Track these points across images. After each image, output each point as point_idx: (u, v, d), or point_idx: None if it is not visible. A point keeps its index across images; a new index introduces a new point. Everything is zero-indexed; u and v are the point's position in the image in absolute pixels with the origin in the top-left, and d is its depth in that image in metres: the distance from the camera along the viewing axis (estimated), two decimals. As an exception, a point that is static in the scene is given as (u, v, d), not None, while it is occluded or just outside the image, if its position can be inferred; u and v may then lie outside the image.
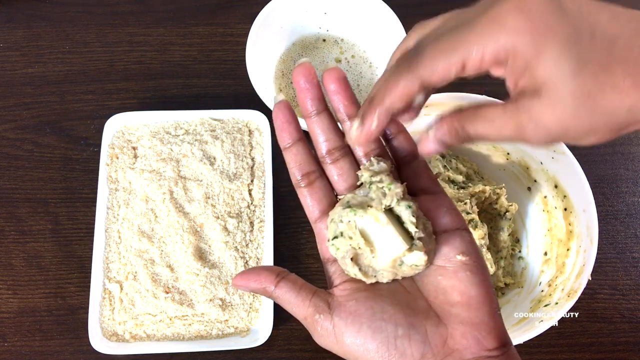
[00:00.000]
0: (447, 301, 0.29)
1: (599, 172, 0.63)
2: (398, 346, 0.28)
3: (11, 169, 0.60)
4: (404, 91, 0.27)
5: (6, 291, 0.56)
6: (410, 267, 0.29)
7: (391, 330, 0.28)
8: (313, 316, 0.29)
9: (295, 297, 0.30)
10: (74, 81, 0.64)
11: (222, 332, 0.52)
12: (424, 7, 0.68)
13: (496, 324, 0.29)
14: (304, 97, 0.32)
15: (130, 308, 0.52)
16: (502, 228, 0.56)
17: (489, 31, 0.25)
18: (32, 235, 0.58)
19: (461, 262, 0.29)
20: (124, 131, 0.58)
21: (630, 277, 0.59)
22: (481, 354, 0.28)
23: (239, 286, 0.31)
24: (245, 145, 0.58)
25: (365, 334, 0.28)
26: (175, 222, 0.54)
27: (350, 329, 0.28)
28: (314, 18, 0.63)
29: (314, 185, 0.32)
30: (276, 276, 0.31)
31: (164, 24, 0.67)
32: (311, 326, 0.30)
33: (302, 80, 0.31)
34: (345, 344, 0.29)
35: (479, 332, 0.28)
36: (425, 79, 0.26)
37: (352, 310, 0.29)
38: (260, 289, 0.31)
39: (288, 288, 0.30)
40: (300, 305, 0.30)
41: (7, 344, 0.54)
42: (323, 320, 0.29)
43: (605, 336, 0.56)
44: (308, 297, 0.30)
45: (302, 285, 0.30)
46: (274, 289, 0.30)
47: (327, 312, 0.29)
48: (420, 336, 0.28)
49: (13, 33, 0.66)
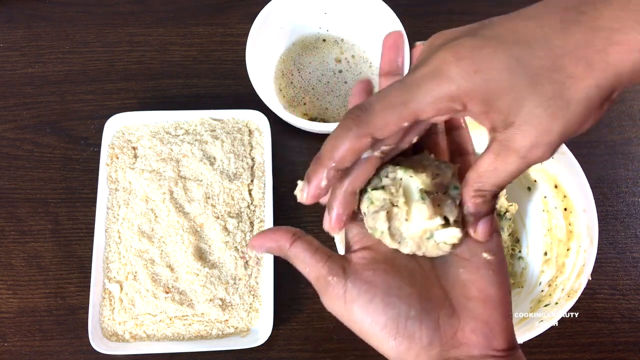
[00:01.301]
0: (465, 294, 0.29)
1: (599, 172, 0.63)
2: (408, 327, 0.28)
3: (11, 169, 0.60)
4: (354, 147, 0.27)
5: (6, 291, 0.56)
6: (437, 245, 0.29)
7: (404, 309, 0.28)
8: (326, 277, 0.29)
9: (310, 256, 0.30)
10: (74, 81, 0.64)
11: (222, 332, 0.52)
12: (424, 7, 0.68)
13: (508, 326, 0.29)
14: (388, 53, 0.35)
15: (130, 308, 0.52)
16: (502, 228, 0.56)
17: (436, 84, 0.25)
18: (32, 235, 0.58)
19: (486, 260, 0.29)
20: (124, 131, 0.58)
21: (630, 277, 0.59)
22: (489, 353, 0.28)
23: (255, 247, 0.31)
24: (245, 145, 0.58)
25: (377, 306, 0.28)
26: (175, 222, 0.54)
27: (362, 298, 0.28)
28: (314, 18, 0.63)
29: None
30: (292, 235, 0.30)
31: (164, 24, 0.67)
32: (322, 288, 0.29)
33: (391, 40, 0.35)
34: (354, 313, 0.28)
35: (490, 331, 0.28)
36: (374, 134, 0.26)
37: (367, 279, 0.28)
38: (276, 247, 0.30)
39: (303, 247, 0.30)
40: (315, 266, 0.29)
41: (7, 344, 0.54)
42: (336, 284, 0.29)
43: (605, 336, 0.56)
44: (323, 259, 0.29)
45: (318, 247, 0.30)
46: (289, 247, 0.30)
47: (342, 276, 0.29)
48: (431, 323, 0.28)
49: (13, 33, 0.66)
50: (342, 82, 0.63)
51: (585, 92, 0.24)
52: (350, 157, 0.27)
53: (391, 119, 0.26)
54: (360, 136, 0.26)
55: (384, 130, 0.26)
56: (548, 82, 0.24)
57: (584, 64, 0.24)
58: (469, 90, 0.25)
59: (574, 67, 0.24)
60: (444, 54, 0.25)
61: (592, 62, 0.24)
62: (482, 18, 0.28)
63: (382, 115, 0.26)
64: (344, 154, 0.27)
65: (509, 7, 0.28)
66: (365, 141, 0.27)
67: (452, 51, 0.25)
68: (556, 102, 0.24)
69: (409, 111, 0.26)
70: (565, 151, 0.52)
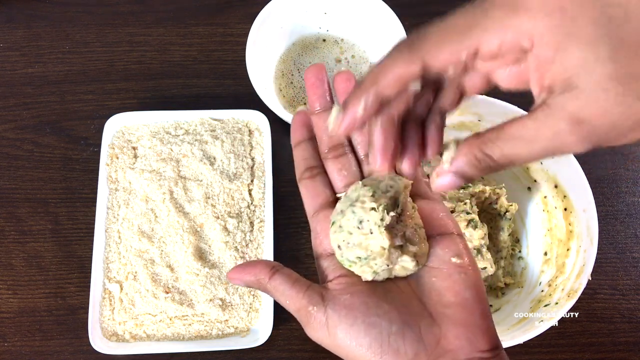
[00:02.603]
0: (441, 302, 0.29)
1: (599, 172, 0.63)
2: (392, 343, 0.27)
3: (11, 169, 0.60)
4: (401, 73, 0.24)
5: (6, 291, 0.55)
6: (402, 267, 0.29)
7: (385, 326, 0.28)
8: (306, 308, 0.29)
9: (289, 288, 0.30)
10: (74, 81, 0.64)
11: (222, 332, 0.52)
12: (424, 7, 0.68)
13: (488, 326, 0.29)
14: (312, 93, 0.32)
15: (130, 308, 0.52)
16: (502, 228, 0.56)
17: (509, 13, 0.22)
18: (32, 235, 0.58)
19: (455, 264, 0.29)
20: (124, 131, 0.58)
21: (630, 277, 0.59)
22: (474, 356, 0.28)
23: (233, 280, 0.31)
24: (245, 145, 0.58)
25: (359, 328, 0.28)
26: (175, 222, 0.54)
27: (343, 323, 0.28)
28: (314, 18, 0.63)
29: (316, 179, 0.33)
30: (270, 269, 0.31)
31: (164, 24, 0.67)
32: (304, 318, 0.29)
33: (312, 76, 0.32)
34: (338, 338, 0.28)
35: (472, 334, 0.28)
36: (428, 61, 0.23)
37: (346, 303, 0.29)
38: (255, 281, 0.31)
39: (282, 280, 0.30)
40: (294, 297, 0.30)
41: (7, 344, 0.54)
42: (316, 312, 0.29)
43: (605, 336, 0.56)
44: (302, 290, 0.30)
45: (296, 279, 0.30)
46: (268, 280, 0.30)
47: (321, 304, 0.29)
48: (414, 335, 0.28)
49: (13, 33, 0.66)
50: (342, 82, 0.63)
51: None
52: (396, 85, 0.24)
53: (449, 45, 0.23)
54: (411, 61, 0.24)
55: (438, 57, 0.23)
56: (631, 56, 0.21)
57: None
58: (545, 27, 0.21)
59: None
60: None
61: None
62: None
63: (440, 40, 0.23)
64: (390, 80, 0.24)
65: (509, 7, 0.28)
66: (415, 68, 0.24)
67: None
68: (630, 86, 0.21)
69: (471, 40, 0.23)
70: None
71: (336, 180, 0.33)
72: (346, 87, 0.30)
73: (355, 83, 0.30)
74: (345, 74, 0.31)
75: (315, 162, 0.33)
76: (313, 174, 0.33)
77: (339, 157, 0.33)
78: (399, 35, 0.58)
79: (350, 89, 0.28)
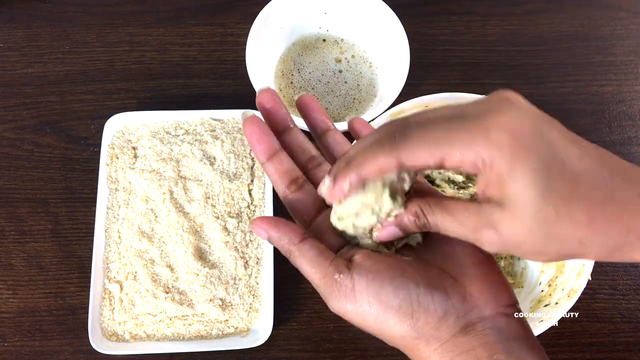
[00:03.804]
0: (460, 264, 0.30)
1: (599, 172, 0.62)
2: (421, 302, 0.28)
3: (11, 169, 0.60)
4: (380, 166, 0.28)
5: (6, 291, 0.56)
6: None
7: (413, 287, 0.28)
8: (332, 275, 0.29)
9: (317, 255, 0.30)
10: (74, 81, 0.64)
11: (222, 332, 0.52)
12: (424, 7, 0.68)
13: (505, 282, 0.30)
14: (273, 118, 0.34)
15: (130, 308, 0.52)
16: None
17: (474, 138, 0.25)
18: (32, 235, 0.58)
19: None
20: (124, 131, 0.58)
21: (630, 277, 0.59)
22: (499, 310, 0.29)
23: (258, 229, 0.31)
24: (245, 145, 0.58)
25: (387, 290, 0.28)
26: (175, 222, 0.54)
27: (371, 287, 0.28)
28: (314, 18, 0.63)
29: (304, 188, 0.33)
30: (303, 233, 0.31)
31: (164, 24, 0.67)
32: (329, 287, 0.29)
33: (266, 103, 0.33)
34: (365, 303, 0.28)
35: (495, 289, 0.29)
36: (403, 162, 0.27)
37: (372, 269, 0.29)
38: (285, 239, 0.30)
39: (312, 245, 0.30)
40: (321, 264, 0.29)
41: (7, 344, 0.54)
42: (343, 279, 0.29)
43: (605, 336, 0.56)
44: (330, 258, 0.30)
45: (324, 249, 0.30)
46: (298, 243, 0.30)
47: (347, 271, 0.29)
48: (441, 294, 0.28)
49: (13, 33, 0.66)
50: (342, 82, 0.63)
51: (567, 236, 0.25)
52: (375, 172, 0.28)
53: (423, 152, 0.26)
54: (390, 157, 0.27)
55: (413, 159, 0.27)
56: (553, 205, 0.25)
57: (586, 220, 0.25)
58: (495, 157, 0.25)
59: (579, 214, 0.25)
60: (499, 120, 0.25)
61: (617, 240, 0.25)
62: (482, 18, 0.28)
63: (416, 146, 0.27)
64: (371, 169, 0.28)
65: (509, 8, 0.28)
66: (392, 163, 0.27)
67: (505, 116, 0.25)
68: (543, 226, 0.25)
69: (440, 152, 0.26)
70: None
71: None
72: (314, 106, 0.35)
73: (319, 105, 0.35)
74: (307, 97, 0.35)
75: (297, 172, 0.33)
76: (299, 184, 0.33)
77: (320, 164, 0.34)
78: (399, 35, 0.58)
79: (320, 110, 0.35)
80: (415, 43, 0.59)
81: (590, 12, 0.70)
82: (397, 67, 0.58)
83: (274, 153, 0.33)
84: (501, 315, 0.29)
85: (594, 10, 0.70)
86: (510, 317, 0.29)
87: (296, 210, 0.33)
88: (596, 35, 0.69)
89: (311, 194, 0.33)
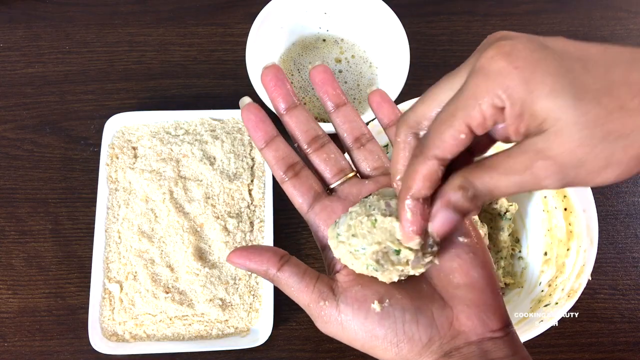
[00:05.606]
0: (451, 283, 0.29)
1: (599, 172, 0.62)
2: (406, 331, 0.28)
3: (11, 169, 0.60)
4: (426, 174, 0.25)
5: (6, 291, 0.56)
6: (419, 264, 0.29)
7: (399, 315, 0.28)
8: (317, 302, 0.29)
9: (298, 282, 0.29)
10: (74, 81, 0.64)
11: (222, 332, 0.52)
12: (424, 7, 0.68)
13: (499, 305, 0.29)
14: (276, 96, 0.33)
15: (130, 308, 0.52)
16: (502, 228, 0.56)
17: (478, 86, 0.24)
18: (32, 235, 0.58)
19: (463, 244, 0.29)
20: (124, 131, 0.58)
21: (630, 277, 0.59)
22: (486, 335, 0.28)
23: (236, 264, 0.30)
24: (245, 145, 0.58)
25: (373, 320, 0.28)
26: (175, 222, 0.54)
27: (357, 316, 0.28)
28: (314, 18, 0.63)
29: (301, 175, 0.33)
30: (280, 259, 0.30)
31: (164, 24, 0.67)
32: (315, 312, 0.29)
33: (271, 80, 0.33)
34: (352, 331, 0.28)
35: (484, 313, 0.28)
36: (439, 155, 0.25)
37: (357, 296, 0.29)
38: (262, 270, 0.30)
39: (291, 272, 0.29)
40: (304, 291, 0.29)
41: (7, 344, 0.54)
42: (328, 307, 0.29)
43: (605, 336, 0.56)
44: (312, 283, 0.29)
45: (305, 270, 0.30)
46: (276, 272, 0.29)
47: (332, 298, 0.29)
48: (427, 320, 0.28)
49: (13, 33, 0.66)
50: (342, 82, 0.63)
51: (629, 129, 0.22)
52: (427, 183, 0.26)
53: (447, 135, 0.25)
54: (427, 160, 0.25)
55: (445, 148, 0.25)
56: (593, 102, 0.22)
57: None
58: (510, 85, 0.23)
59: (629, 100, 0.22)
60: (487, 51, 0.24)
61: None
62: (482, 18, 0.27)
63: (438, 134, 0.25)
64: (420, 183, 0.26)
65: (509, 8, 0.28)
66: (433, 166, 0.25)
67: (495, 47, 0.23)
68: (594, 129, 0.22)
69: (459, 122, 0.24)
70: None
71: (324, 171, 0.33)
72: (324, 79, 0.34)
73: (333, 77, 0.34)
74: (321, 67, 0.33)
75: (295, 157, 0.33)
76: (296, 170, 0.33)
77: (321, 147, 0.33)
78: (399, 35, 0.58)
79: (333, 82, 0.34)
80: (415, 43, 0.59)
81: (590, 12, 0.70)
82: (397, 67, 0.58)
83: (270, 139, 0.33)
84: (487, 340, 0.28)
85: (594, 10, 0.70)
86: (498, 339, 0.28)
87: (293, 196, 0.33)
88: (596, 35, 0.69)
89: (308, 181, 0.32)
